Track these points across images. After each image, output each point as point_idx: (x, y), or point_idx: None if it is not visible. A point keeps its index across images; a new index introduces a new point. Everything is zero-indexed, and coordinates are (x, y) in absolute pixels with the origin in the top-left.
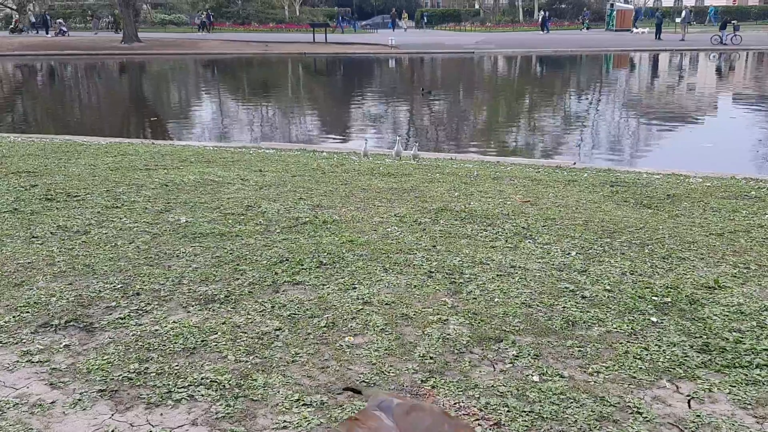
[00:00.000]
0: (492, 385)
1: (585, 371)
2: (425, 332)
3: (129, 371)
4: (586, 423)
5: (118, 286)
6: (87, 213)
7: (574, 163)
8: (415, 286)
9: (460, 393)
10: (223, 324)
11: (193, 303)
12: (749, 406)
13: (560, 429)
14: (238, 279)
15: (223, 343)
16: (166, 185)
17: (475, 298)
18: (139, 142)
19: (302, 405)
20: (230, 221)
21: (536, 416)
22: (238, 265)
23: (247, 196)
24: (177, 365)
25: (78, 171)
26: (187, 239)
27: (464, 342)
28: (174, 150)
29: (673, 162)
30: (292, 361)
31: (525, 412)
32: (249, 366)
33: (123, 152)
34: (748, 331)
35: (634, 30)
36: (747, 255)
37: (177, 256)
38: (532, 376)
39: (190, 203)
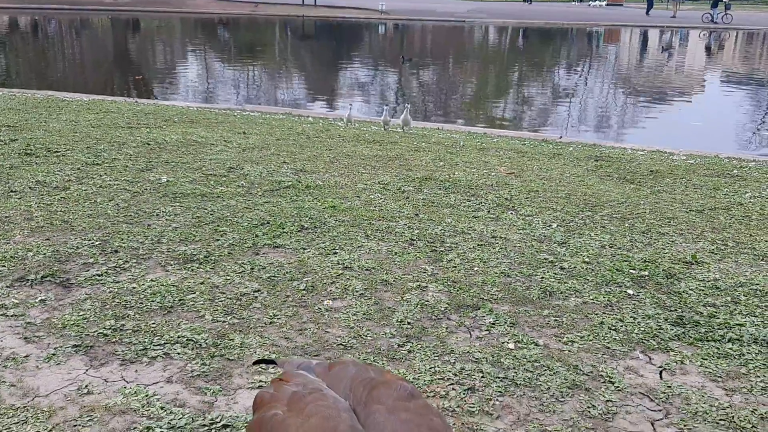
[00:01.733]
0: (468, 351)
1: (560, 340)
2: (404, 298)
3: (105, 328)
4: (559, 390)
5: (96, 242)
6: (67, 169)
7: (560, 137)
8: (395, 253)
9: (436, 358)
10: (201, 284)
11: (172, 262)
12: (719, 379)
13: (533, 395)
14: (218, 240)
15: (201, 302)
16: (148, 144)
17: (455, 267)
18: (122, 100)
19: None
20: (212, 182)
21: (510, 382)
22: (218, 226)
23: (230, 157)
24: (153, 323)
25: (59, 127)
26: (167, 198)
27: (442, 309)
28: (157, 109)
29: (659, 139)
30: (270, 323)
31: (499, 378)
32: (226, 326)
33: (105, 110)
34: (722, 306)
35: (592, 3)
36: (725, 232)
37: (157, 215)
38: (508, 343)
39: (171, 163)
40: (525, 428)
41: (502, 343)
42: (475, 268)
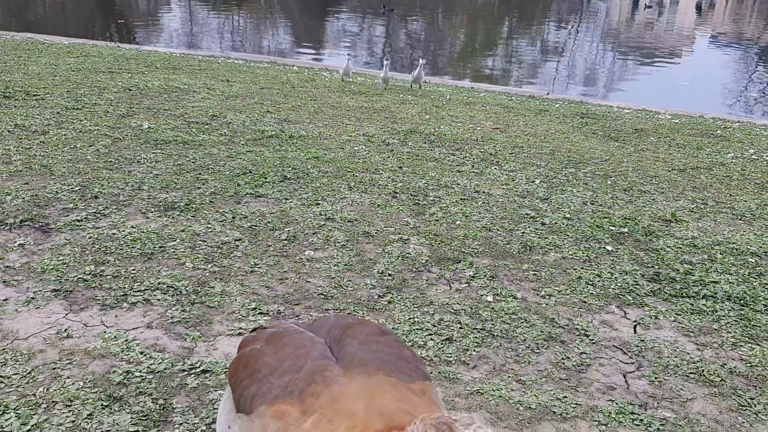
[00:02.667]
0: (447, 303)
1: (538, 294)
2: (386, 250)
3: (84, 273)
4: (535, 342)
5: (76, 188)
6: (46, 113)
7: (548, 93)
8: (378, 205)
9: (416, 309)
10: (182, 232)
11: (153, 209)
12: (692, 334)
13: (509, 347)
14: (199, 188)
15: (182, 250)
16: (130, 89)
17: (437, 220)
18: (103, 45)
19: (259, 314)
20: (194, 130)
21: (487, 333)
22: (200, 174)
23: (213, 105)
24: (134, 269)
25: (38, 70)
26: (148, 145)
27: (423, 261)
28: (139, 54)
29: (646, 98)
30: (251, 272)
31: (477, 329)
32: (207, 274)
33: (86, 53)
34: (698, 263)
35: None
36: (706, 191)
37: (138, 161)
38: (487, 296)
39: (153, 109)
40: (500, 378)
41: (481, 295)
42: (457, 222)
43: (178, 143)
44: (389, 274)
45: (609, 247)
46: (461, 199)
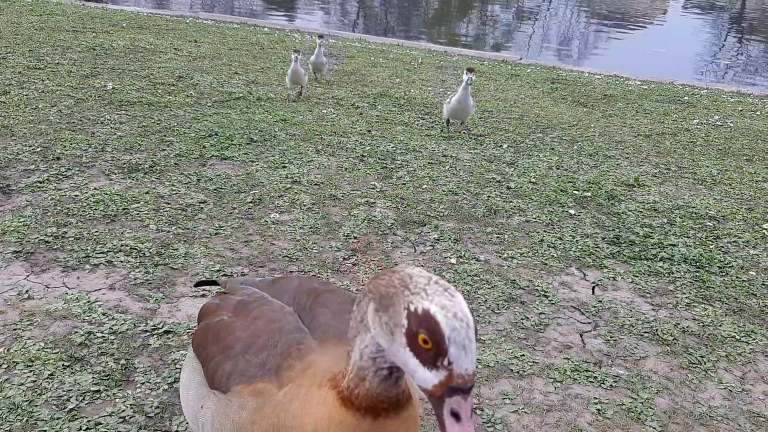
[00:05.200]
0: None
1: (500, 256)
2: (351, 213)
3: (46, 235)
4: (495, 303)
5: (38, 149)
6: (7, 72)
7: (521, 58)
8: (345, 168)
9: (380, 271)
10: (146, 194)
11: (116, 171)
12: (648, 295)
13: (471, 307)
14: (164, 150)
15: (146, 212)
16: (94, 49)
17: (404, 184)
18: (68, 2)
19: (222, 276)
20: (160, 91)
21: None
22: (165, 136)
23: (179, 66)
24: (96, 231)
25: None
26: (113, 106)
27: (389, 224)
28: (104, 13)
29: (621, 65)
30: (215, 234)
31: None
32: (171, 236)
33: (49, 11)
34: (658, 227)
35: None
36: (669, 156)
37: (101, 122)
38: (450, 258)
39: (118, 70)
40: None
41: (445, 258)
42: (424, 186)
43: (143, 105)
44: (354, 237)
45: (572, 211)
46: (429, 163)
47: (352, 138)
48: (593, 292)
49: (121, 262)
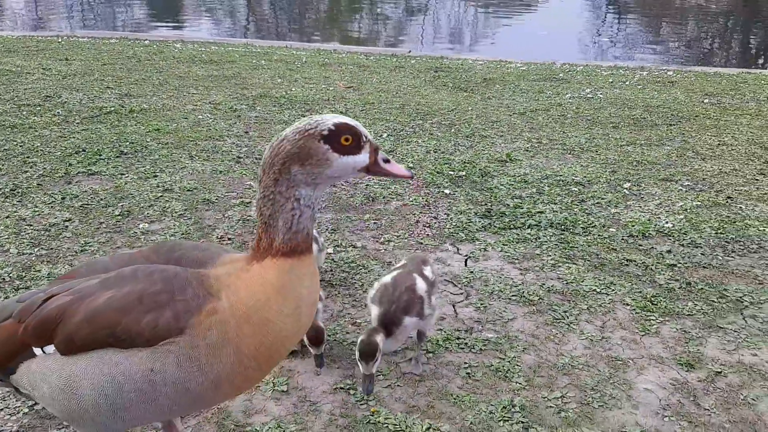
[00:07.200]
0: None
1: (377, 241)
2: (226, 215)
3: None
4: (370, 285)
5: None
6: None
7: (410, 51)
8: (221, 171)
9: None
10: (6, 218)
11: None
12: (516, 261)
13: (347, 293)
14: (26, 172)
15: (6, 236)
16: None
17: None
18: None
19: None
20: (24, 112)
21: (326, 284)
22: (28, 157)
23: (47, 86)
24: None
25: None
26: None
27: None
28: None
29: (508, 51)
30: (81, 251)
31: None
32: (33, 258)
33: None
34: (527, 197)
35: None
36: (541, 131)
37: None
38: (327, 249)
39: None
40: (337, 323)
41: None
42: None
43: (5, 128)
44: (229, 238)
45: (447, 191)
46: None
47: (228, 141)
48: (465, 265)
49: None
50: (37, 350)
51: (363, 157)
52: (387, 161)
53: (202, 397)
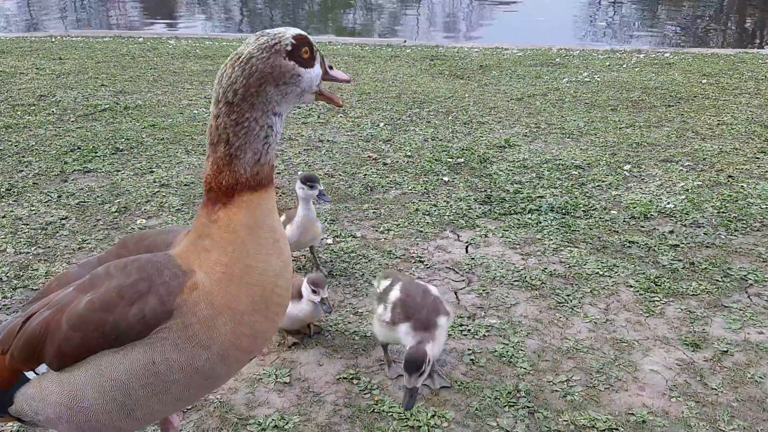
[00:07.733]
0: None
1: (377, 230)
2: None
3: None
4: (372, 275)
5: None
6: None
7: (405, 41)
8: None
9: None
10: (3, 218)
11: None
12: (517, 246)
13: (348, 283)
14: (22, 171)
15: (2, 236)
16: None
17: (279, 173)
18: None
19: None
20: (19, 112)
21: (326, 275)
22: (23, 156)
23: (42, 85)
24: None
25: None
26: None
27: None
28: None
29: (505, 37)
30: (79, 248)
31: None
32: (30, 257)
33: None
34: (527, 182)
35: None
36: (539, 116)
37: None
38: (326, 239)
39: None
40: (339, 314)
41: (322, 239)
42: (299, 172)
43: (0, 128)
44: None
45: (446, 178)
46: (305, 149)
47: None
48: (467, 251)
49: None
50: (29, 374)
51: (318, 69)
52: (331, 68)
53: (215, 372)
